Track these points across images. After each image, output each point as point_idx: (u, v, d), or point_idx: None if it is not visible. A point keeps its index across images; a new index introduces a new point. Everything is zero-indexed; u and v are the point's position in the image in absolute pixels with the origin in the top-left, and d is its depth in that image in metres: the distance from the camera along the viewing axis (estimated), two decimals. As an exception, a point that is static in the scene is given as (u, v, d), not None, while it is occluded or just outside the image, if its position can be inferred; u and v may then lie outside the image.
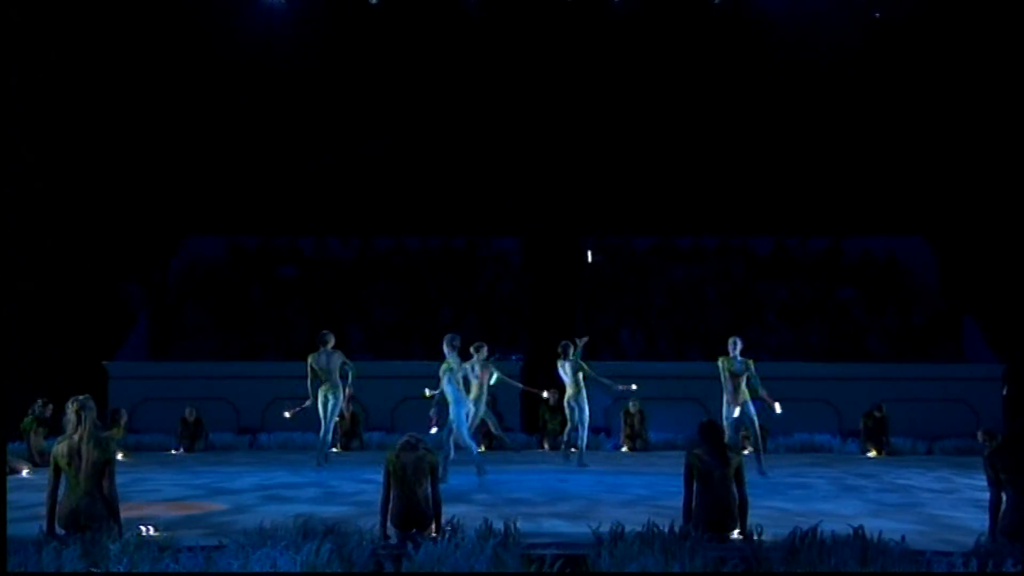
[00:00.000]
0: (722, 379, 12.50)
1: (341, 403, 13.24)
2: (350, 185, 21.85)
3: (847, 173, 21.20)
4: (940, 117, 20.46)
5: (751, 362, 12.70)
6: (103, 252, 19.72)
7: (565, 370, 13.87)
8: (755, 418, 12.52)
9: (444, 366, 11.45)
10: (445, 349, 11.50)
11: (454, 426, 11.47)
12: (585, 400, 13.80)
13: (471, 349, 12.24)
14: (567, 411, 14.06)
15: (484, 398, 12.35)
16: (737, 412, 12.38)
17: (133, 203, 20.35)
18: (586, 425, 13.91)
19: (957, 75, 20.11)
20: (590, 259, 14.63)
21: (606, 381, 14.10)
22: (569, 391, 13.87)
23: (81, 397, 7.30)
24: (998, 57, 19.67)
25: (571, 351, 13.88)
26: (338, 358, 13.04)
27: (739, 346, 12.64)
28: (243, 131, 21.50)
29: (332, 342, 13.07)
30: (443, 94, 21.66)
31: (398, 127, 21.83)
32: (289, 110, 21.58)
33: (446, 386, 11.42)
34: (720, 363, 12.59)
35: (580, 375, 13.81)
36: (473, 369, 11.98)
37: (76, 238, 19.25)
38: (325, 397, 13.04)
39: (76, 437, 7.09)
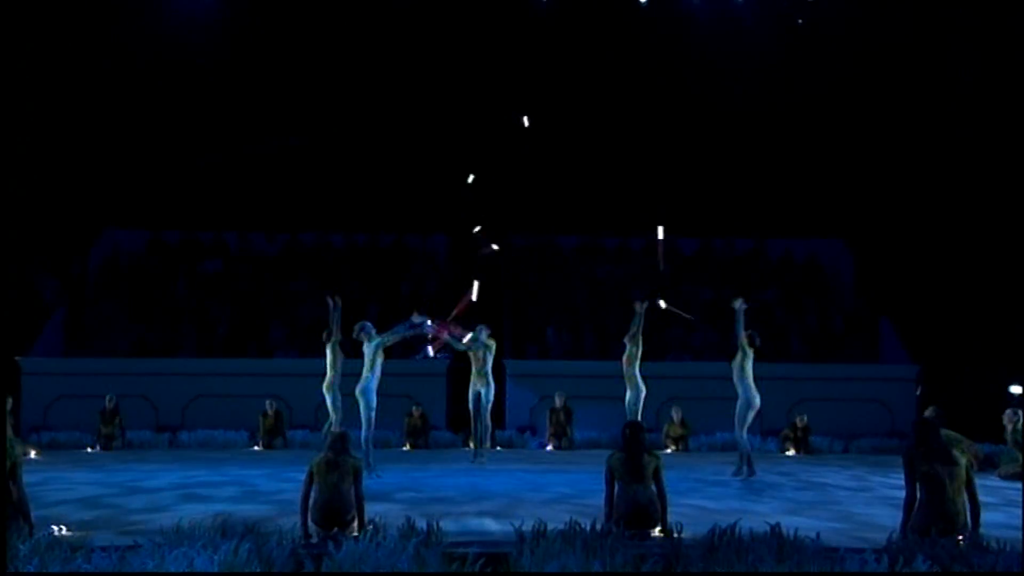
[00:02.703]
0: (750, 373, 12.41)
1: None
2: (276, 180, 21.56)
3: (770, 176, 21.53)
4: (861, 123, 20.89)
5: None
6: (18, 243, 19.17)
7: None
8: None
9: None
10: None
11: None
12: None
13: None
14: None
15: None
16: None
17: (50, 193, 19.81)
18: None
19: (877, 82, 20.57)
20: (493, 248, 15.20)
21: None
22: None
23: None
24: (916, 65, 20.16)
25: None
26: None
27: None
28: (165, 123, 21.07)
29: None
30: (370, 90, 21.48)
31: (325, 122, 21.61)
32: (214, 102, 21.20)
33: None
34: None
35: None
36: None
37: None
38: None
39: None
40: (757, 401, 12.41)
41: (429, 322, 13.21)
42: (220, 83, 21.15)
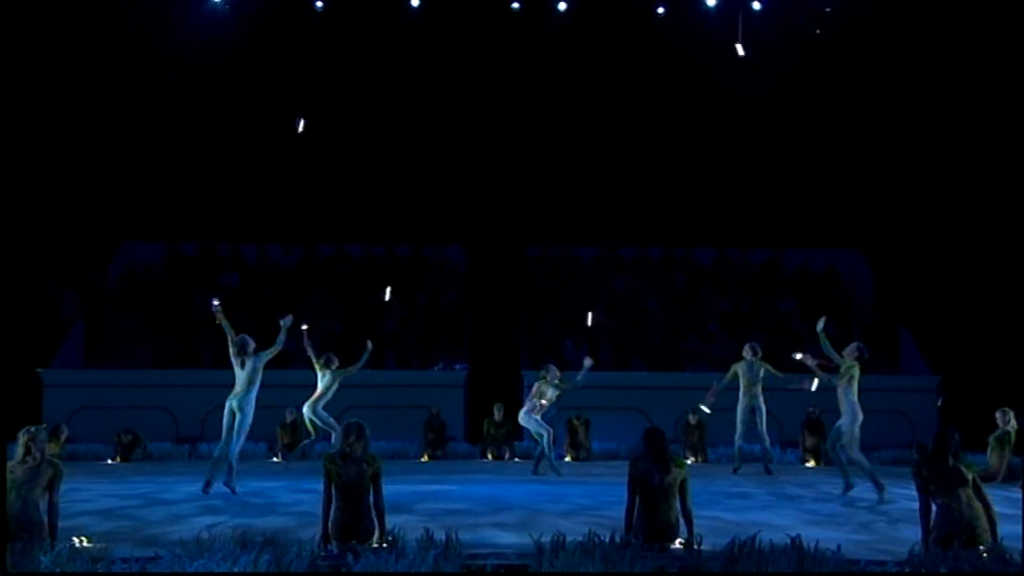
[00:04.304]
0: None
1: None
2: (293, 191, 21.64)
3: (787, 187, 21.48)
4: (877, 133, 20.83)
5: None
6: (37, 257, 19.30)
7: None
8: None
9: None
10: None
11: None
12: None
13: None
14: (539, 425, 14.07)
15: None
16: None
17: (69, 206, 19.95)
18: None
19: (895, 92, 20.51)
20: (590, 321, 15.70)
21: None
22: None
23: (33, 429, 7.22)
24: (934, 75, 20.09)
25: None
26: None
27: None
28: (183, 135, 21.18)
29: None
30: (389, 101, 21.56)
31: (342, 133, 21.69)
32: (232, 113, 21.30)
33: None
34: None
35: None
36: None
37: (9, 242, 18.80)
38: None
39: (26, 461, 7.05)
40: (861, 416, 11.99)
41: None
42: (236, 95, 21.24)
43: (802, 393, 12.51)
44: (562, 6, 20.63)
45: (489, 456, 16.51)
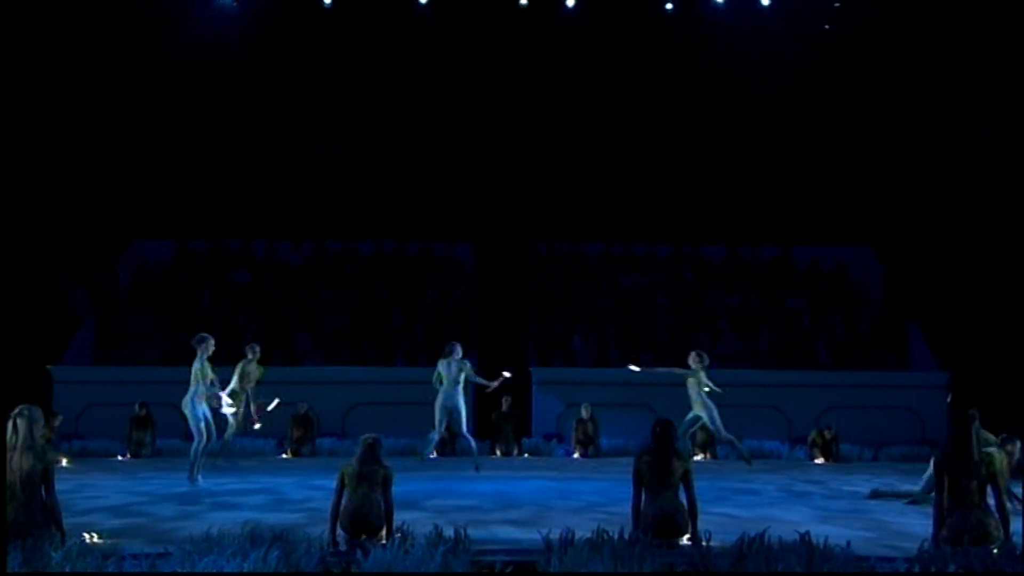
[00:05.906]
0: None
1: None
2: (302, 188, 21.67)
3: (798, 184, 21.43)
4: (889, 131, 20.77)
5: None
6: (47, 254, 19.35)
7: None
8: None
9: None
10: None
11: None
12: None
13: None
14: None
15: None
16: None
17: (79, 204, 19.99)
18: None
19: (905, 88, 20.45)
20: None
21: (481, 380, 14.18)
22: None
23: (23, 407, 7.12)
24: (944, 70, 20.01)
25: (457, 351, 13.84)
26: None
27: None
28: (193, 132, 21.22)
29: None
30: (397, 98, 21.58)
31: (352, 130, 21.71)
32: (241, 111, 21.34)
33: None
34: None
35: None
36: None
37: (19, 239, 18.86)
38: None
39: (11, 446, 6.96)
40: None
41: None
42: (246, 93, 21.27)
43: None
44: (570, 1, 20.59)
45: (498, 452, 16.54)
